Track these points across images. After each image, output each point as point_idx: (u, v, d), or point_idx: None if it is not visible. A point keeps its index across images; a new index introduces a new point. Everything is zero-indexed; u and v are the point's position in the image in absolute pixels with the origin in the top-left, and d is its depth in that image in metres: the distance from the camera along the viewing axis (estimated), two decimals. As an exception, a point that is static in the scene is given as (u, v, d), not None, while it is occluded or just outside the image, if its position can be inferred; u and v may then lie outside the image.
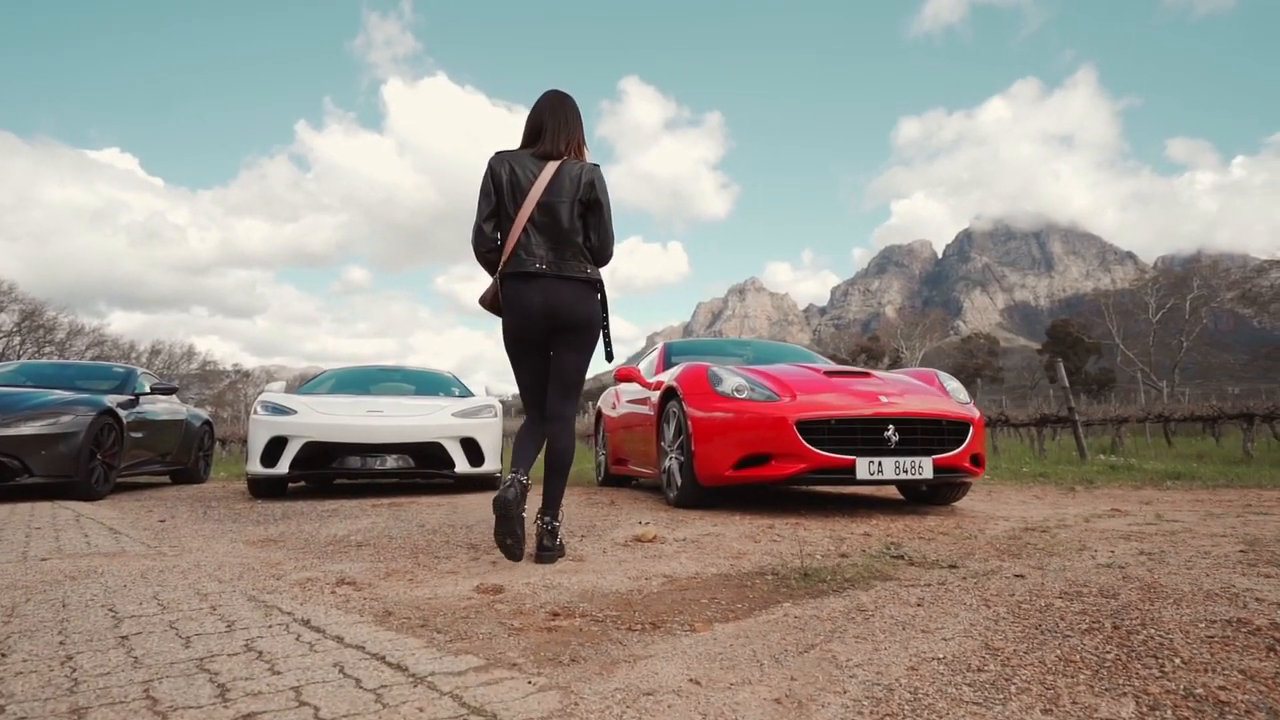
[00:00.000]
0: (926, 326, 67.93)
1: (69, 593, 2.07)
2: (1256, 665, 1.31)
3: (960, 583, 2.18)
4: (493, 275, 2.75)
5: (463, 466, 5.33)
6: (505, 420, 6.19)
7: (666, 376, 4.67)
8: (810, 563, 2.54)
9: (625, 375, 5.57)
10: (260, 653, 1.49)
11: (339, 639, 1.60)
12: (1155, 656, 1.36)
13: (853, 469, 3.64)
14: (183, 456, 7.36)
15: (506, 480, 2.60)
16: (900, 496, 4.90)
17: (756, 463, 3.80)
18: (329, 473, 5.22)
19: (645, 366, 5.86)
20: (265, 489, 5.33)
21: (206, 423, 8.09)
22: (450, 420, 5.41)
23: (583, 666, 1.44)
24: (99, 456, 5.50)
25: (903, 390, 4.08)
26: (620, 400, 5.98)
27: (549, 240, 2.64)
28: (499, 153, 2.73)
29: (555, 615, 1.87)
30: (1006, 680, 1.28)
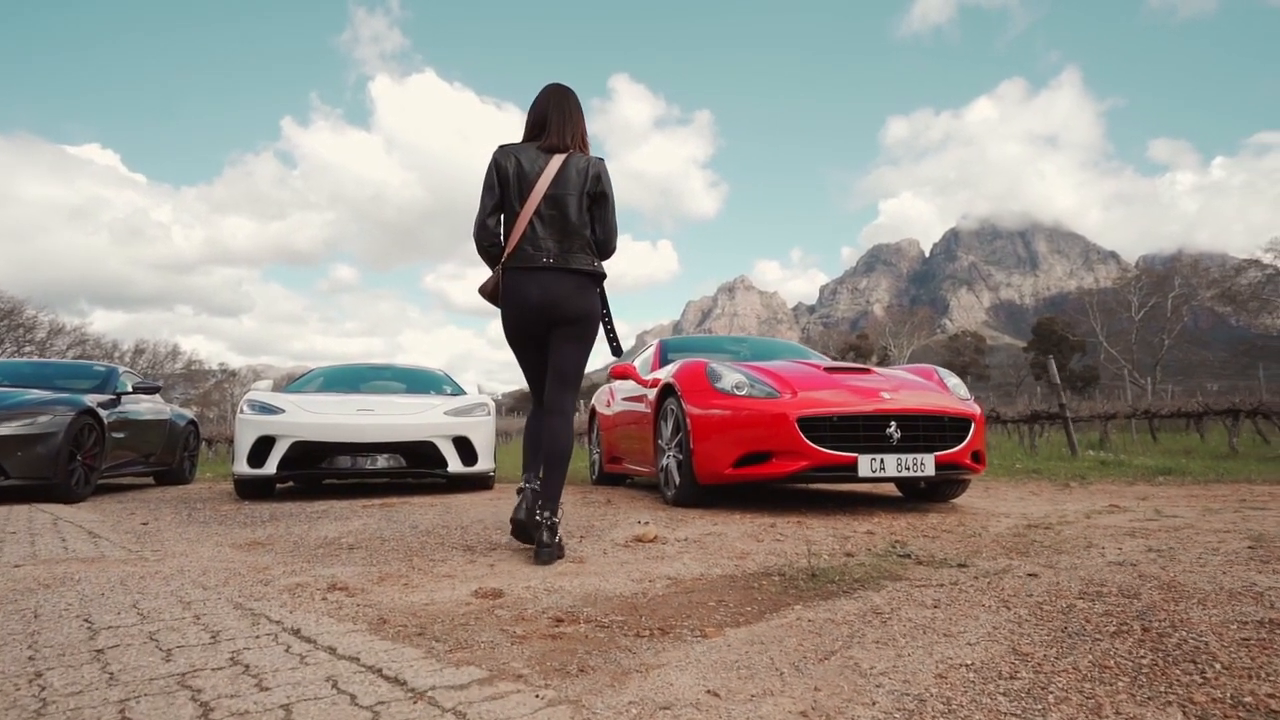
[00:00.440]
0: (914, 325, 68.25)
1: (42, 602, 1.97)
2: (1300, 670, 1.25)
3: (973, 582, 2.12)
4: (494, 268, 2.73)
5: (455, 466, 5.23)
6: (498, 419, 6.09)
7: (663, 373, 4.59)
8: (816, 563, 2.47)
9: (620, 373, 5.49)
10: (247, 666, 1.40)
11: (331, 650, 1.52)
12: (1193, 661, 1.30)
13: (855, 467, 3.58)
14: (167, 457, 7.20)
15: (518, 497, 2.61)
16: (899, 494, 4.85)
17: (757, 460, 3.73)
18: (318, 473, 5.10)
19: (641, 363, 5.78)
20: (252, 490, 5.20)
21: (191, 422, 7.93)
22: (442, 419, 5.31)
23: (592, 677, 1.36)
24: (79, 458, 5.35)
25: (903, 386, 4.02)
26: (615, 398, 5.90)
27: (555, 233, 2.63)
28: (503, 146, 2.72)
29: (559, 621, 1.79)
30: (1043, 689, 1.21)
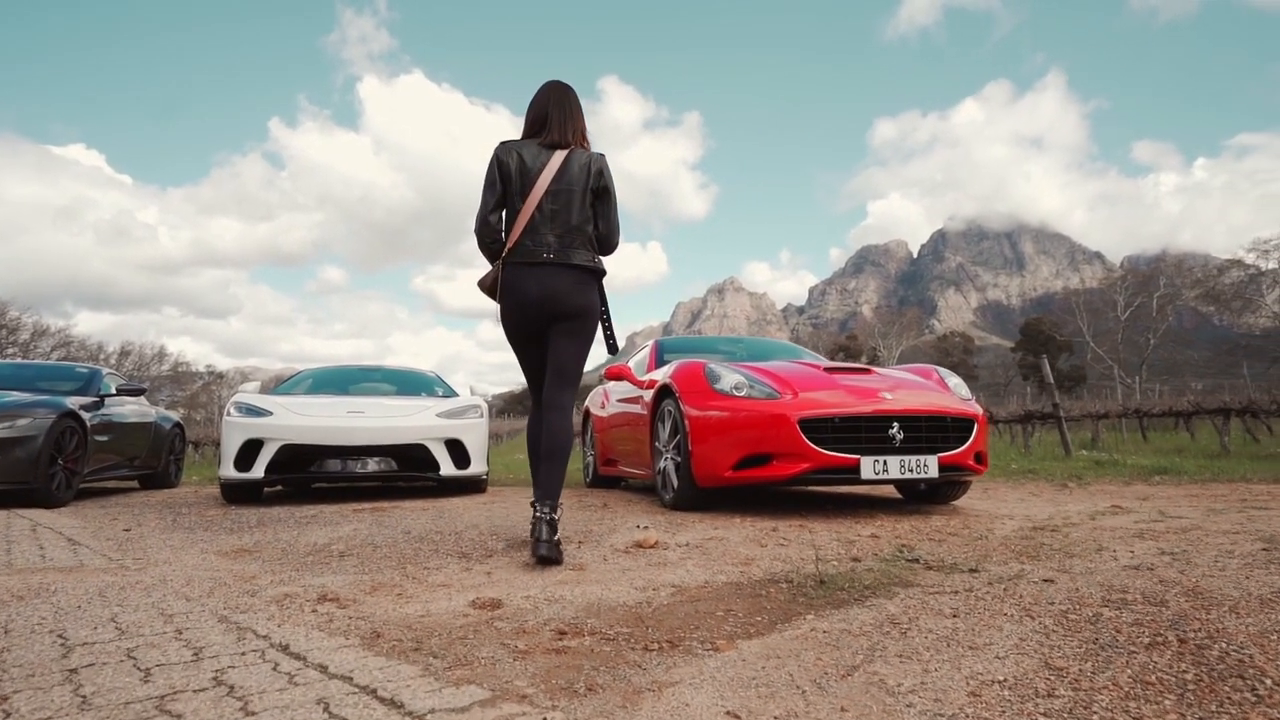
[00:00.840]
0: (903, 325, 68.58)
1: (14, 615, 1.86)
2: (1349, 684, 1.19)
3: (987, 589, 2.05)
4: (494, 263, 2.72)
5: (448, 469, 5.12)
6: (491, 420, 5.99)
7: (660, 374, 4.52)
8: (824, 569, 2.40)
9: (615, 374, 5.41)
10: (231, 687, 1.31)
11: (322, 668, 1.43)
12: (1241, 677, 1.23)
13: (857, 468, 3.51)
14: (152, 460, 7.05)
15: (532, 523, 2.57)
16: (899, 495, 4.80)
17: (757, 463, 3.66)
18: (307, 477, 4.99)
19: (636, 364, 5.70)
20: (239, 494, 5.08)
21: (177, 425, 7.77)
22: (434, 421, 5.20)
23: (602, 697, 1.28)
24: (60, 461, 5.21)
25: (905, 386, 3.96)
26: (610, 399, 5.82)
27: (558, 228, 2.64)
28: (505, 142, 2.72)
29: (562, 634, 1.70)
30: (1085, 709, 1.15)
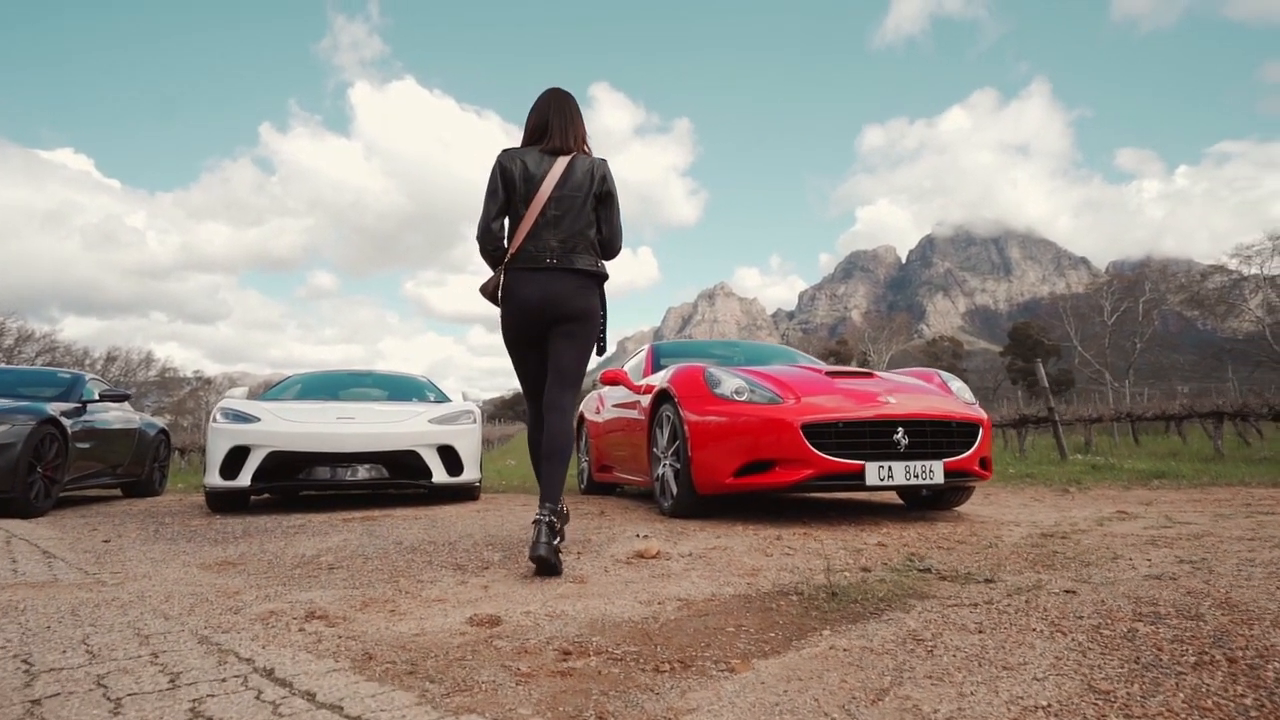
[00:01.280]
0: (892, 330, 68.84)
1: (-20, 638, 1.75)
2: None
3: (1007, 601, 1.97)
4: (495, 269, 2.72)
5: (440, 476, 5.00)
6: (484, 426, 5.88)
7: (658, 379, 4.42)
8: (834, 579, 2.31)
9: (611, 378, 5.31)
10: None
11: (310, 696, 1.32)
12: (1302, 701, 1.15)
13: (862, 475, 3.43)
14: (135, 468, 6.89)
15: (533, 527, 2.45)
16: (900, 502, 4.72)
17: (759, 469, 3.57)
18: (295, 485, 4.86)
19: (631, 369, 5.61)
20: (225, 503, 4.94)
21: (162, 431, 7.61)
22: (426, 427, 5.09)
23: (615, 727, 1.18)
24: (39, 469, 5.06)
25: (908, 390, 3.89)
26: (605, 404, 5.72)
27: (560, 234, 2.64)
28: (507, 150, 2.73)
29: (566, 654, 1.60)
30: (1141, 738, 1.06)
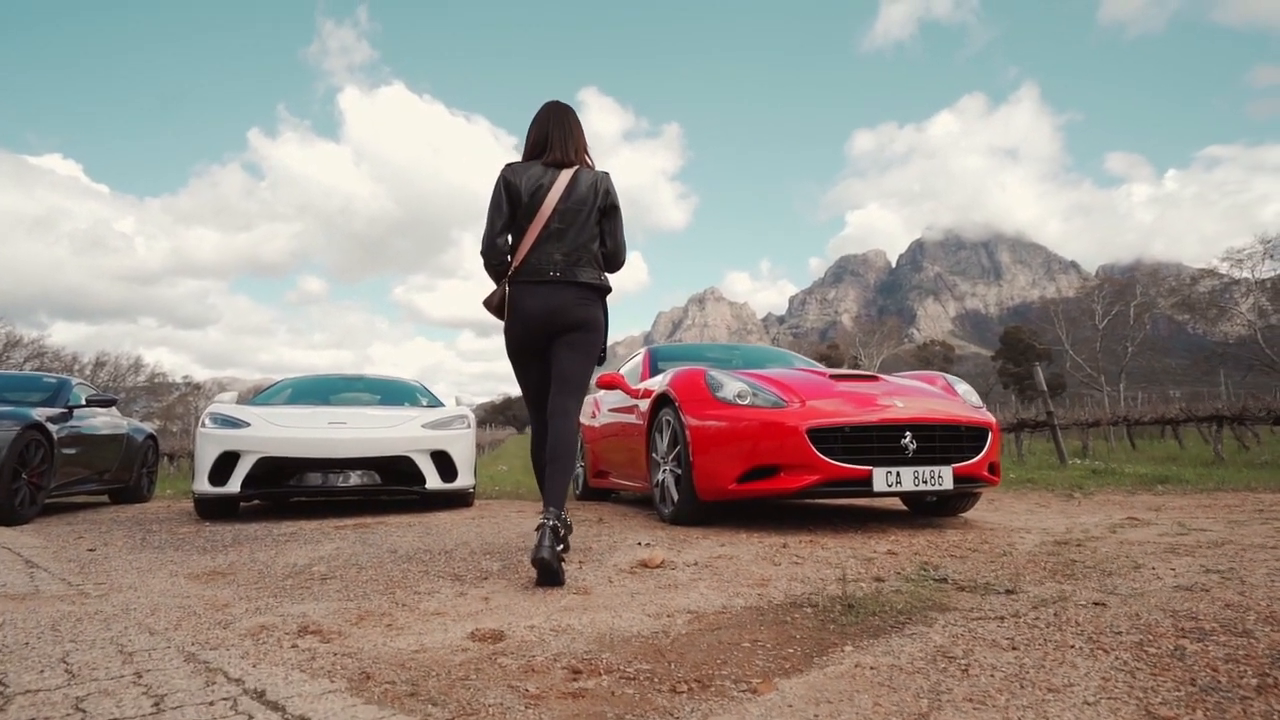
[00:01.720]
0: (883, 334, 68.94)
1: (-50, 657, 1.64)
2: None
3: (1034, 613, 1.89)
4: (499, 283, 2.73)
5: (434, 482, 4.89)
6: (476, 431, 5.77)
7: (657, 382, 4.34)
8: (848, 590, 2.23)
9: (607, 382, 5.21)
10: (197, 751, 1.10)
11: (305, 722, 1.23)
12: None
13: (869, 480, 3.35)
14: (123, 474, 6.74)
15: (537, 531, 2.38)
16: (904, 508, 4.64)
17: (763, 475, 3.48)
18: (286, 491, 4.74)
19: (628, 372, 5.52)
20: (214, 510, 4.81)
21: (150, 437, 7.46)
22: (420, 432, 4.98)
23: (637, 757, 1.09)
24: (24, 476, 4.92)
25: (915, 394, 3.81)
26: (601, 408, 5.62)
27: (564, 247, 2.65)
28: (510, 165, 2.73)
29: (576, 673, 1.51)
30: (1212, 770, 0.98)
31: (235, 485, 4.57)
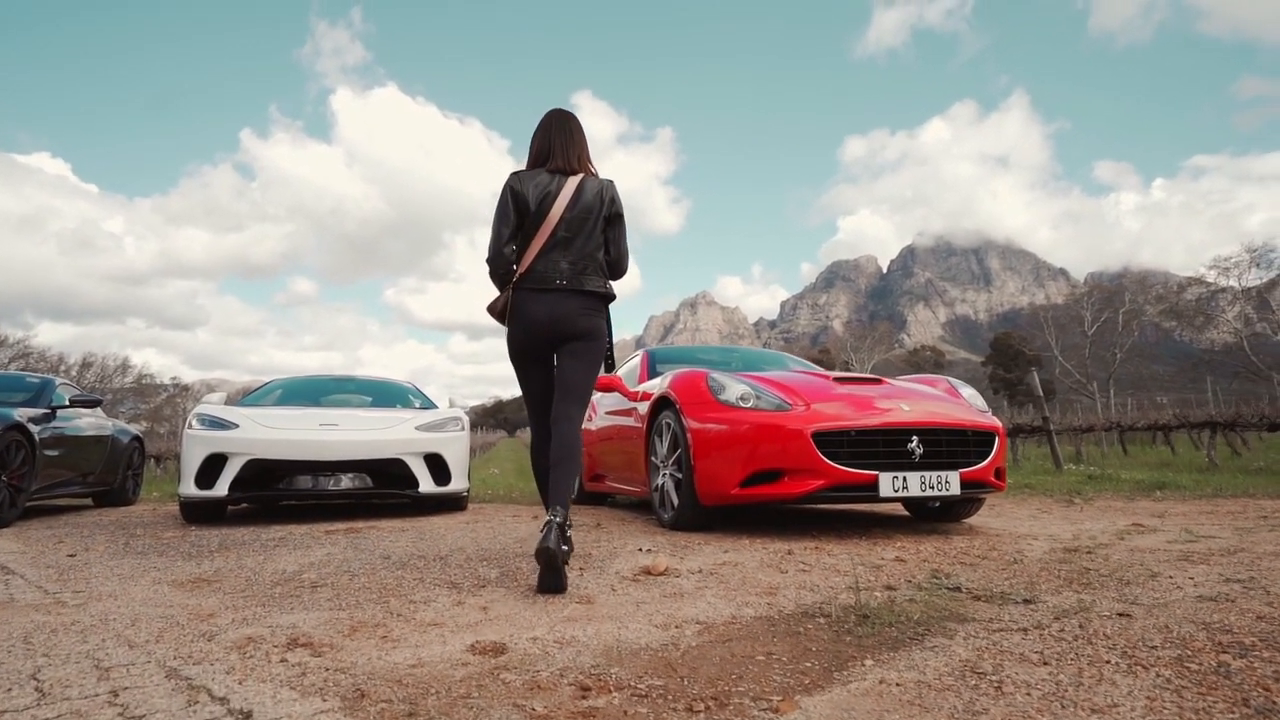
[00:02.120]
0: (874, 339, 69.13)
1: (-87, 673, 1.53)
2: None
3: (1057, 625, 1.81)
4: (503, 290, 2.72)
5: (427, 485, 4.78)
6: (471, 434, 5.66)
7: (656, 385, 4.25)
8: (861, 598, 2.15)
9: (604, 385, 5.12)
10: (177, 781, 1.01)
11: (296, 747, 1.13)
12: None
13: (875, 486, 3.28)
14: (108, 476, 6.59)
15: (543, 525, 2.33)
16: (906, 513, 4.57)
17: (767, 479, 3.40)
18: (275, 494, 4.62)
19: (626, 374, 5.43)
20: (200, 514, 4.68)
21: (136, 438, 7.30)
22: (413, 434, 4.87)
23: (658, 787, 1.01)
24: (4, 478, 4.79)
25: (921, 398, 3.74)
26: (598, 411, 5.54)
27: (571, 255, 2.65)
28: (516, 173, 2.72)
29: (585, 690, 1.42)
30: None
31: (222, 488, 4.45)
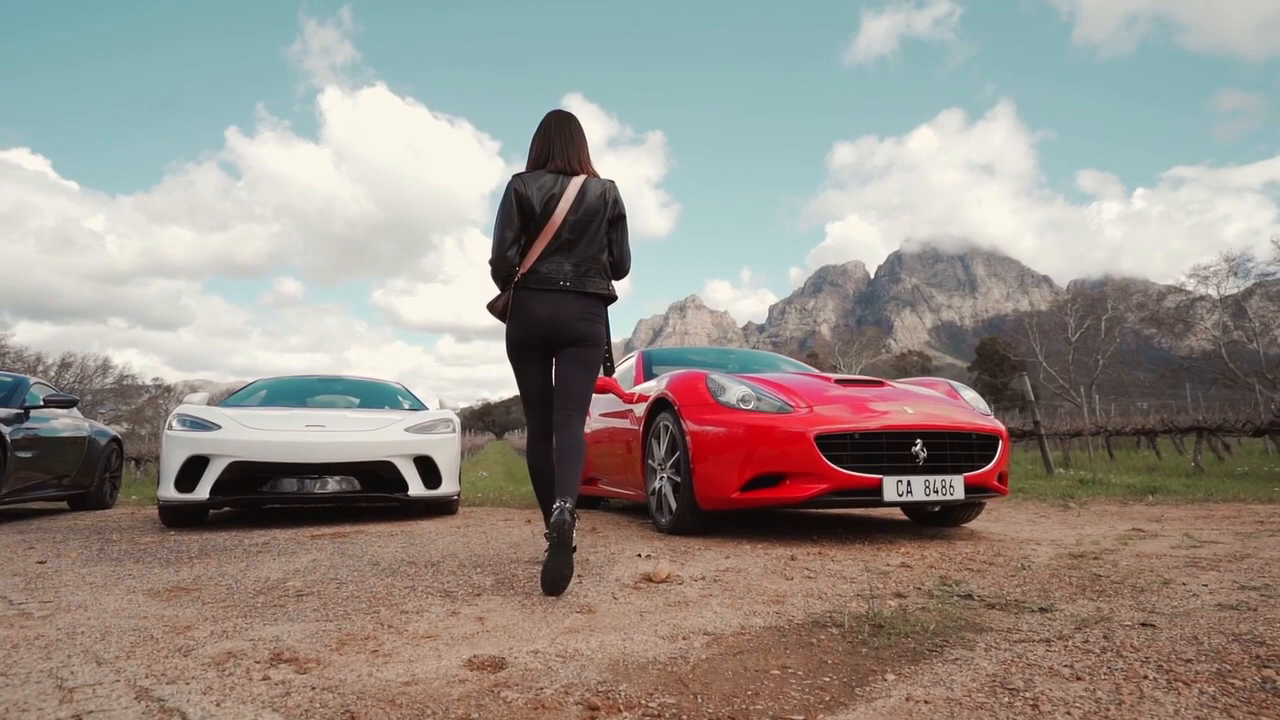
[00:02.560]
0: (862, 344, 69.41)
1: None
2: None
3: (1079, 635, 1.74)
4: (505, 290, 2.70)
5: (417, 489, 4.66)
6: (461, 436, 5.54)
7: (653, 386, 4.17)
8: (873, 607, 2.07)
9: (599, 386, 5.00)
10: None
11: (281, 777, 1.03)
12: None
13: (879, 490, 3.20)
14: (84, 479, 6.40)
15: (555, 508, 2.34)
16: (905, 518, 4.51)
17: (768, 483, 3.32)
18: (259, 498, 4.47)
19: (621, 375, 5.34)
20: (180, 518, 4.54)
21: (114, 440, 7.11)
22: (403, 436, 4.74)
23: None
24: (-26, 481, 4.63)
25: (925, 401, 3.68)
26: (591, 413, 5.43)
27: (575, 257, 2.65)
28: (519, 175, 2.71)
29: (593, 709, 1.33)
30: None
31: (204, 491, 4.31)
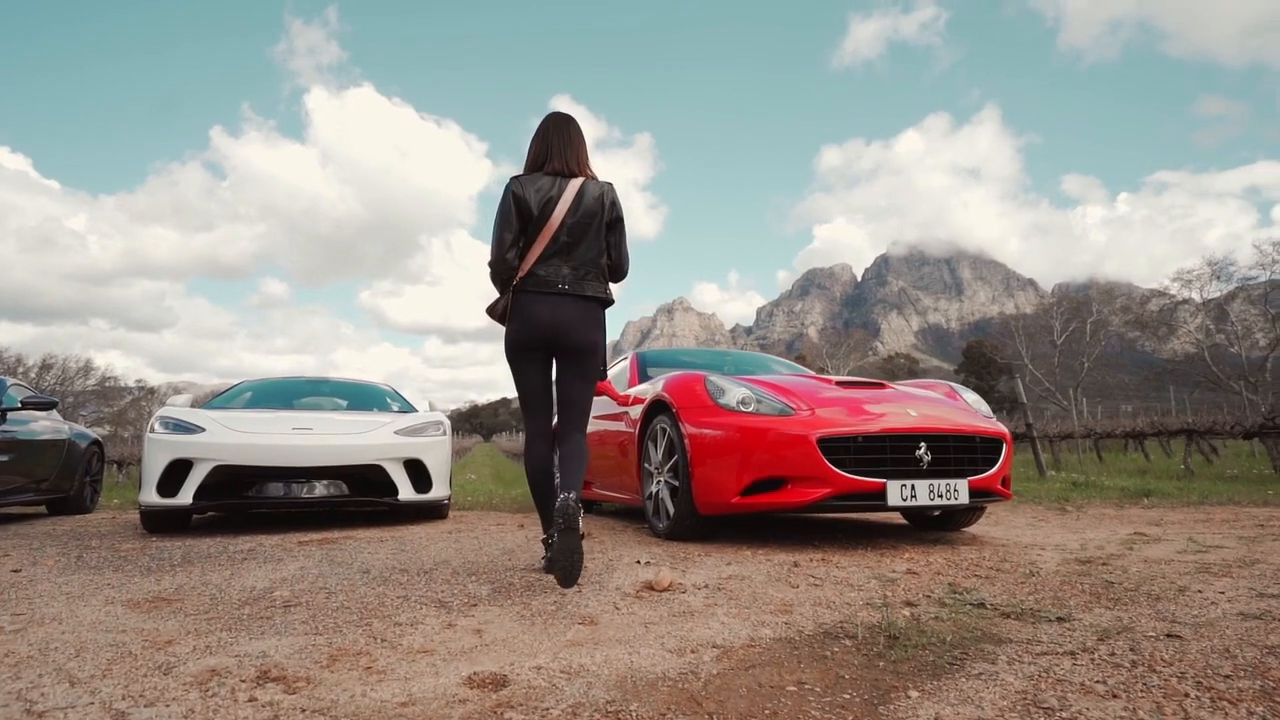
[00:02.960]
0: (849, 346, 69.66)
1: None
2: None
3: (1104, 647, 1.68)
4: (504, 292, 2.70)
5: (407, 493, 4.55)
6: (452, 439, 5.44)
7: (649, 388, 4.09)
8: (885, 617, 2.00)
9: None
10: None
11: (270, 816, 0.94)
12: None
13: (883, 494, 3.14)
14: (63, 483, 6.23)
15: (559, 499, 2.36)
16: (904, 521, 4.45)
17: (769, 487, 3.25)
18: (244, 503, 4.35)
19: (614, 377, 5.26)
20: (162, 523, 4.40)
21: (95, 443, 6.94)
22: (392, 439, 4.63)
23: None
24: (-53, 485, 4.48)
25: (928, 403, 3.62)
26: (585, 416, 5.35)
27: (573, 260, 2.64)
28: (516, 178, 2.69)
29: (604, 732, 1.25)
30: None
31: (187, 496, 4.19)
